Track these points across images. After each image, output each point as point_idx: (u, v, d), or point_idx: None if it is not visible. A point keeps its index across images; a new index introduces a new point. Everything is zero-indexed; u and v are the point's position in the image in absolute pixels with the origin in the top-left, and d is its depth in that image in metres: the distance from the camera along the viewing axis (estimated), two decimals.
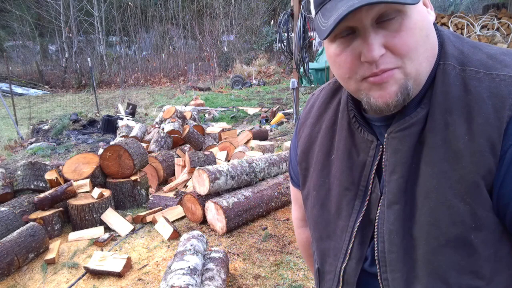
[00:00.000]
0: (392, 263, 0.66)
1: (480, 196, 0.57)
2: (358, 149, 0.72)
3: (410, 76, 0.60)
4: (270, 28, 17.43)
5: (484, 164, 0.56)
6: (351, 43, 0.61)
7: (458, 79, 0.61)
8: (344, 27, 0.60)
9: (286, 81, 14.03)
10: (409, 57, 0.59)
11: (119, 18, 19.30)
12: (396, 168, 0.64)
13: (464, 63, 0.62)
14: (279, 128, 7.45)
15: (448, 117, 0.60)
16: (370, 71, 0.60)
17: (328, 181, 0.77)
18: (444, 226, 0.60)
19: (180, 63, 18.00)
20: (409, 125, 0.63)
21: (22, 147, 6.76)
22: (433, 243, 0.61)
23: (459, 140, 0.58)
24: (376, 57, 0.58)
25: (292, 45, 7.12)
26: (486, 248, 0.59)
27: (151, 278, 2.77)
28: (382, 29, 0.59)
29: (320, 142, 0.80)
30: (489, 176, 0.57)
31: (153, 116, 8.87)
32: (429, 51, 0.62)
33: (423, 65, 0.61)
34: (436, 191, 0.60)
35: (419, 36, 0.59)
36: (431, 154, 0.61)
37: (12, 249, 2.84)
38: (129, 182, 3.91)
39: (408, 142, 0.63)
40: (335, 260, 0.76)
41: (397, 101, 0.61)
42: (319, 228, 0.80)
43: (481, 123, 0.57)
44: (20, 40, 19.76)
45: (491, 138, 0.56)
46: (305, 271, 2.76)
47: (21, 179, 3.69)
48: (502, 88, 0.57)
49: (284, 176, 4.00)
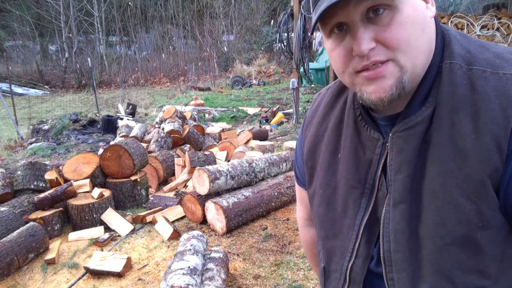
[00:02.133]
0: (398, 262, 0.66)
1: (487, 195, 0.57)
2: (364, 147, 0.72)
3: (405, 69, 0.60)
4: (270, 28, 17.43)
5: (490, 163, 0.56)
6: (344, 38, 0.62)
7: (465, 78, 0.60)
8: (335, 23, 0.62)
9: (286, 81, 14.03)
10: (401, 50, 0.59)
11: (119, 18, 19.30)
12: (402, 167, 0.64)
13: (471, 62, 0.61)
14: (279, 128, 7.45)
15: (455, 116, 0.59)
16: (361, 64, 0.61)
17: (335, 179, 0.77)
18: (450, 225, 0.60)
19: (180, 63, 18.00)
20: (414, 124, 0.63)
21: (22, 147, 6.76)
22: (439, 242, 0.61)
23: (465, 139, 0.58)
24: (365, 50, 0.59)
25: (292, 45, 7.12)
26: (492, 248, 0.59)
27: (151, 278, 2.77)
28: (373, 24, 0.59)
29: (326, 141, 0.80)
30: (496, 175, 0.57)
31: (153, 116, 8.87)
32: (426, 45, 0.61)
33: (419, 58, 0.61)
34: (443, 190, 0.60)
35: (412, 30, 0.59)
36: (437, 153, 0.61)
37: (12, 249, 2.84)
38: (129, 182, 3.91)
39: (414, 141, 0.63)
40: (341, 259, 0.76)
41: (391, 95, 0.61)
42: (325, 227, 0.80)
43: (487, 122, 0.57)
44: (20, 40, 19.76)
45: (497, 137, 0.56)
46: (305, 271, 2.76)
47: (21, 179, 3.69)
48: (509, 87, 0.57)
49: (284, 176, 4.00)
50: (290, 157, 4.25)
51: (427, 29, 0.61)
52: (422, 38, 0.60)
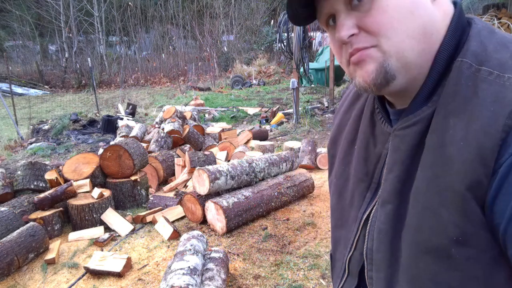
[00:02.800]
0: (378, 262, 0.66)
1: (466, 209, 0.52)
2: (376, 140, 0.71)
3: (389, 53, 0.57)
4: (270, 28, 17.43)
5: (471, 175, 0.51)
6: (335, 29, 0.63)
7: (471, 79, 0.55)
8: (326, 15, 0.62)
9: (286, 81, 14.03)
10: (383, 35, 0.57)
11: (119, 18, 19.31)
12: (394, 167, 0.63)
13: (482, 62, 0.56)
14: (279, 128, 7.45)
15: (451, 119, 0.55)
16: (347, 53, 0.61)
17: (348, 170, 0.77)
18: (426, 233, 0.57)
19: (180, 63, 18.00)
20: (412, 123, 0.61)
21: (22, 147, 6.76)
22: (415, 249, 0.58)
23: (454, 145, 0.54)
24: (344, 37, 0.58)
25: (292, 45, 7.12)
26: (471, 267, 0.53)
27: (151, 278, 2.77)
28: (355, 11, 0.59)
29: (347, 131, 0.80)
30: (479, 189, 0.51)
31: (153, 116, 8.87)
32: (416, 29, 0.57)
33: (407, 43, 0.57)
34: (424, 195, 0.57)
35: (396, 13, 0.56)
36: (428, 156, 0.58)
37: (12, 249, 2.84)
38: (129, 182, 3.91)
39: (408, 141, 0.61)
40: (344, 249, 0.76)
41: (374, 79, 0.59)
42: (335, 216, 0.81)
43: (477, 129, 0.52)
44: (20, 40, 19.77)
45: (483, 147, 0.51)
46: (305, 271, 2.76)
47: (21, 179, 3.69)
48: (508, 93, 0.51)
49: (284, 176, 4.00)
50: (290, 157, 4.25)
51: (417, 12, 0.57)
52: (410, 22, 0.57)
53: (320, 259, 2.89)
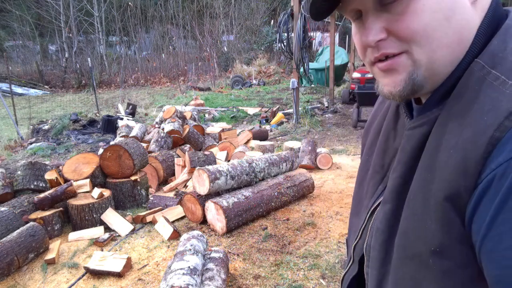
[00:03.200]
0: (373, 260, 0.66)
1: (444, 220, 0.50)
2: (396, 133, 0.69)
3: (419, 63, 0.53)
4: (270, 28, 17.44)
5: (451, 184, 0.49)
6: (361, 26, 0.58)
7: (479, 83, 0.51)
8: (352, 10, 0.57)
9: (286, 81, 14.04)
10: (416, 42, 0.52)
11: (119, 18, 19.31)
12: (397, 166, 0.62)
13: (495, 64, 0.51)
14: (279, 128, 7.45)
15: (450, 124, 0.53)
16: (373, 56, 0.57)
17: (370, 160, 0.77)
18: (411, 238, 0.56)
19: (180, 63, 18.01)
20: (418, 124, 0.59)
21: (22, 147, 6.76)
22: (402, 253, 0.58)
23: (446, 151, 0.52)
24: (371, 42, 0.55)
25: (292, 45, 7.12)
26: (448, 282, 0.51)
27: (151, 278, 2.77)
28: (386, 12, 0.53)
29: (377, 121, 0.79)
30: (458, 201, 0.49)
31: (153, 116, 8.87)
32: (450, 37, 0.53)
33: (439, 53, 0.53)
34: (414, 200, 0.56)
35: (431, 20, 0.51)
36: (424, 160, 0.56)
37: (12, 249, 2.84)
38: (129, 182, 3.91)
39: (413, 142, 0.60)
40: (353, 237, 0.77)
41: (401, 91, 0.56)
42: (354, 203, 0.81)
43: (467, 138, 0.49)
44: (20, 40, 19.77)
45: (467, 158, 0.48)
46: (305, 271, 2.76)
47: (21, 179, 3.69)
48: (504, 102, 0.47)
49: (284, 176, 4.00)
50: (290, 157, 4.25)
51: (455, 18, 0.52)
52: (446, 29, 0.52)
53: (320, 259, 2.89)
